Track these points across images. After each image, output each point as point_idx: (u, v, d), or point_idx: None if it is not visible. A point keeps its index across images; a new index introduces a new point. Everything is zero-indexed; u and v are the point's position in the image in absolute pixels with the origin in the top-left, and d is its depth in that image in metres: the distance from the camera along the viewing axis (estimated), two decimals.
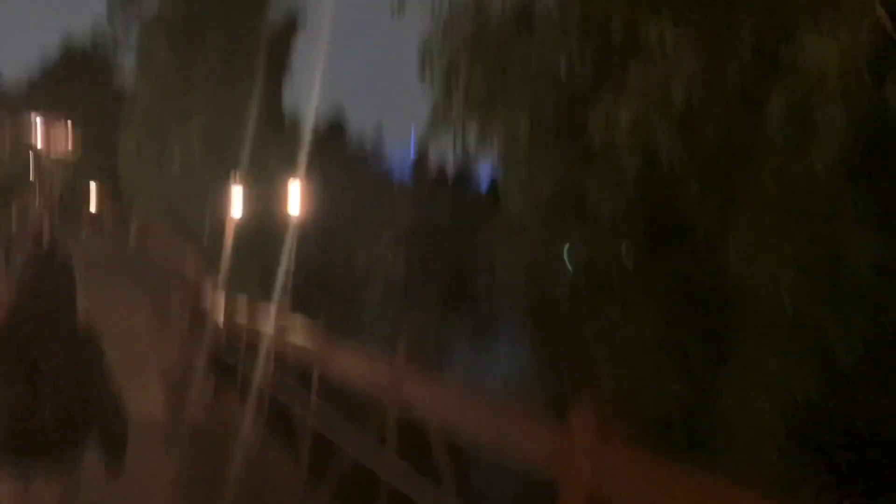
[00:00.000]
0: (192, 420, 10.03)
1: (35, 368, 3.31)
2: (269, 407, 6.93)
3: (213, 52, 23.56)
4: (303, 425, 5.49)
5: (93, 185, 46.02)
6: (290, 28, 24.96)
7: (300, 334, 6.10)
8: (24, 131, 47.44)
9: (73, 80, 45.13)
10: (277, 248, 17.46)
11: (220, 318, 10.96)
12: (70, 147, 46.59)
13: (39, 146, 46.81)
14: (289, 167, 20.93)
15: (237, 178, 17.95)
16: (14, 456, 3.36)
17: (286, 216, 16.41)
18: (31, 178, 42.07)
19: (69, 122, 47.92)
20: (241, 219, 17.82)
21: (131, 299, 20.59)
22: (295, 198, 11.44)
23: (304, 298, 12.67)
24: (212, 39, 23.69)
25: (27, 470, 3.41)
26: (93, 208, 43.85)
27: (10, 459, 3.38)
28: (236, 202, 17.40)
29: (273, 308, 12.61)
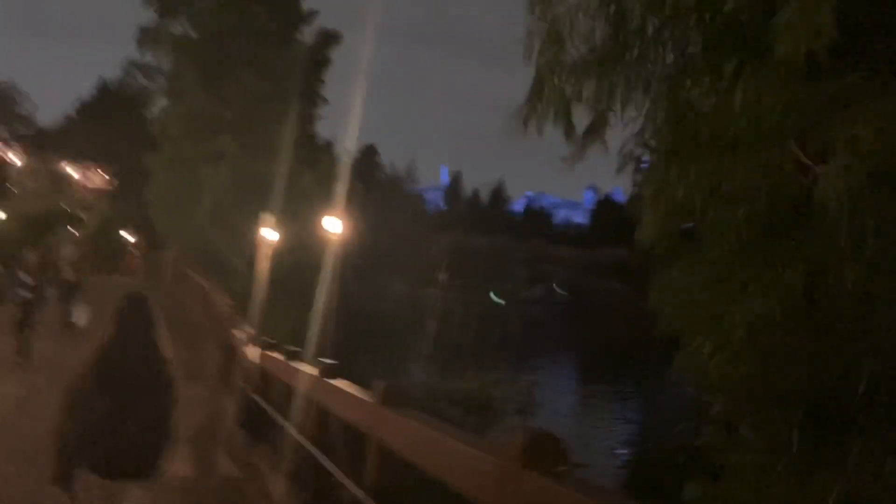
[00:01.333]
0: (224, 476, 9.00)
1: (126, 389, 4.06)
2: (313, 473, 5.81)
3: (244, 92, 22.96)
4: None
5: (126, 234, 46.02)
6: (321, 61, 24.30)
7: (348, 387, 4.99)
8: (58, 176, 47.70)
9: (106, 127, 45.45)
10: (314, 288, 16.52)
11: (255, 363, 9.94)
12: (104, 192, 46.65)
13: (74, 191, 46.96)
14: (324, 203, 20.09)
15: (269, 218, 17.13)
16: (103, 464, 3.98)
17: (323, 254, 15.55)
18: (65, 222, 42.00)
19: (103, 170, 48.18)
20: (275, 259, 16.91)
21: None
22: (333, 234, 10.40)
23: (347, 344, 11.59)
24: (243, 78, 23.06)
25: (118, 488, 4.05)
26: (126, 255, 43.70)
27: (100, 467, 3.98)
28: (269, 242, 16.58)
29: (313, 354, 11.60)
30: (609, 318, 54.84)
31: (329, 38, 24.35)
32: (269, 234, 16.41)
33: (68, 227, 42.84)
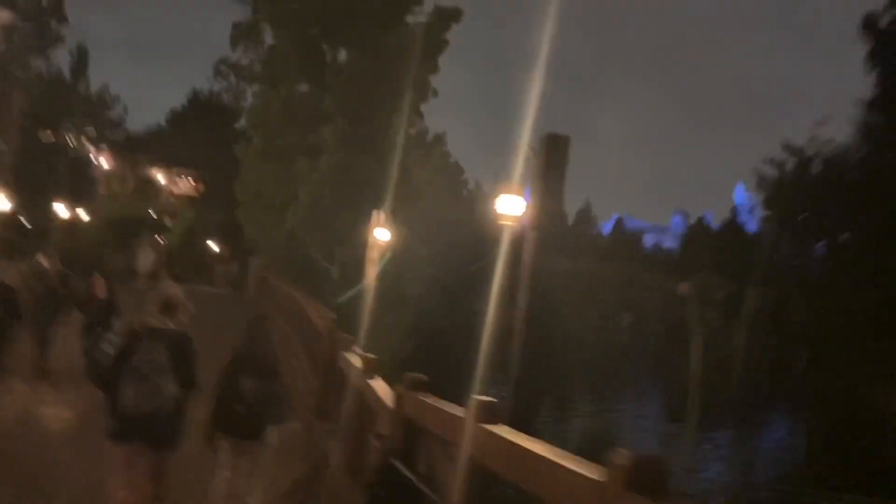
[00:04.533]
0: None
1: (251, 379, 5.90)
2: None
3: (348, 79, 20.20)
4: None
5: (211, 243, 44.48)
6: (437, 44, 21.15)
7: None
8: (145, 181, 46.75)
9: (195, 135, 44.26)
10: (427, 301, 13.45)
11: (388, 406, 6.83)
12: (190, 199, 45.35)
13: (160, 197, 45.88)
14: (435, 204, 17.09)
15: (380, 217, 14.24)
16: (237, 435, 5.89)
17: (436, 261, 12.52)
18: (150, 228, 40.67)
19: (191, 176, 47.09)
20: (388, 264, 13.99)
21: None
22: (510, 218, 7.19)
23: (536, 386, 8.19)
24: (347, 63, 20.32)
25: (243, 442, 5.93)
26: (211, 263, 42.07)
27: (234, 437, 5.88)
28: (380, 244, 13.71)
29: (476, 389, 8.44)
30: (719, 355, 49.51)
31: (446, 17, 21.05)
32: (380, 235, 13.51)
33: (152, 234, 41.49)
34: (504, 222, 7.27)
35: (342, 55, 21.30)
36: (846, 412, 27.94)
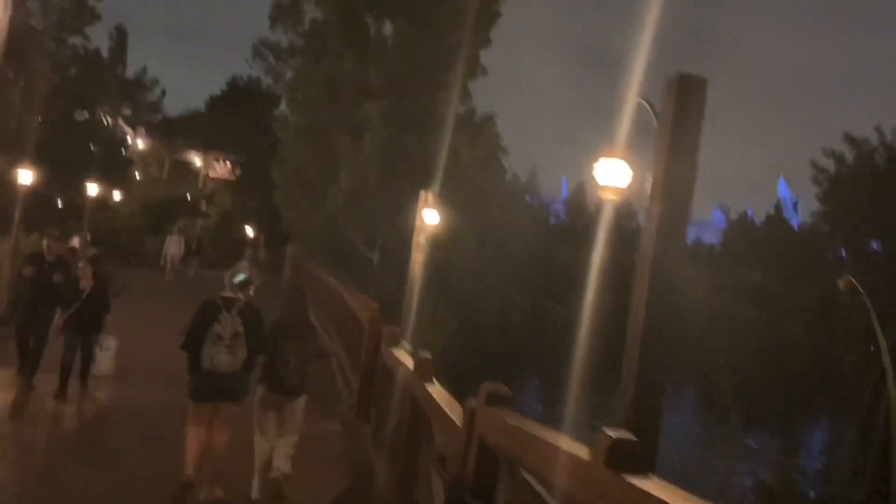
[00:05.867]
0: None
1: (290, 339, 6.75)
2: None
3: (395, 52, 18.90)
4: None
5: (249, 228, 43.72)
6: (490, 14, 19.61)
7: None
8: (182, 164, 46.13)
9: (233, 119, 43.49)
10: (474, 294, 12.13)
11: (434, 406, 5.61)
12: (228, 183, 44.61)
13: (197, 181, 45.21)
14: (483, 188, 15.75)
15: (430, 197, 12.94)
16: (282, 393, 6.73)
17: (486, 249, 11.18)
18: (187, 212, 39.97)
19: (228, 160, 46.38)
20: (434, 252, 12.69)
21: None
22: (613, 191, 5.79)
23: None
24: (395, 35, 19.01)
25: (285, 399, 6.76)
26: (246, 248, 41.26)
27: (280, 394, 6.72)
28: (428, 228, 12.45)
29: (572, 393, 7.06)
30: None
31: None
32: (429, 217, 12.24)
33: (187, 218, 40.81)
34: (605, 195, 5.87)
35: (387, 27, 20.06)
36: None
